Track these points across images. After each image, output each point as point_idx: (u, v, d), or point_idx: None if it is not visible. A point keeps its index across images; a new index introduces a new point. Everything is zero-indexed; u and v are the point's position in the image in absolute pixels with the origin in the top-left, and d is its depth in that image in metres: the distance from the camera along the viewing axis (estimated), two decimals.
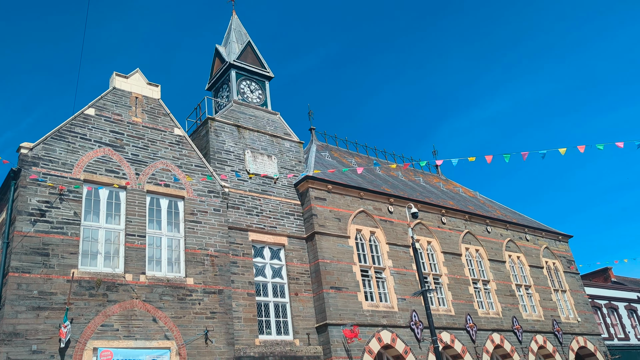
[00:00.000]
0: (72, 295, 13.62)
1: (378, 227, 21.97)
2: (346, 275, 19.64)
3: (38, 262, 13.56)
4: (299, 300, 18.73)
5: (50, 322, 13.09)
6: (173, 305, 15.27)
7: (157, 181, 16.73)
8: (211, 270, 16.56)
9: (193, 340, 15.15)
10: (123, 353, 13.75)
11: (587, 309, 29.68)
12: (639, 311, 35.49)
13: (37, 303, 13.12)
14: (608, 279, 38.87)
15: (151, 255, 15.81)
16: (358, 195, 21.97)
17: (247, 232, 18.61)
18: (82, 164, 15.46)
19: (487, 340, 22.99)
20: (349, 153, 28.78)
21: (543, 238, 30.18)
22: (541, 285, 27.74)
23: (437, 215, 24.91)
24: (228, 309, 16.40)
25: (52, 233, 14.09)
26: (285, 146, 21.83)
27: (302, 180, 20.66)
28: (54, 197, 14.52)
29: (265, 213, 19.48)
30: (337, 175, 22.37)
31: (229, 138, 20.11)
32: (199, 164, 18.07)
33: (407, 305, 20.87)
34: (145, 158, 16.88)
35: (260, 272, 18.58)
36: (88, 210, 15.19)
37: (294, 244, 19.71)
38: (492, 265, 25.84)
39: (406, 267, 21.86)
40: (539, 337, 25.43)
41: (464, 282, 23.89)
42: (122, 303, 14.39)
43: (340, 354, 17.86)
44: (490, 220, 27.36)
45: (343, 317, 18.57)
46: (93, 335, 13.59)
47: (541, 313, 26.60)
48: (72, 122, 15.93)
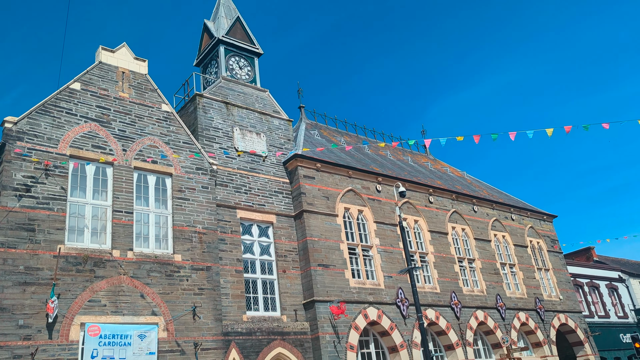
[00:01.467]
0: (59, 270, 13.59)
1: (366, 206, 22.09)
2: (334, 253, 19.79)
3: (24, 237, 13.47)
4: (286, 277, 18.87)
5: (36, 297, 13.08)
6: (161, 281, 15.32)
7: (145, 158, 16.61)
8: (199, 247, 16.59)
9: (181, 316, 15.25)
10: (111, 328, 13.81)
11: (569, 287, 30.29)
12: (619, 290, 36.31)
13: (23, 278, 13.09)
14: (590, 259, 39.63)
15: (139, 232, 15.78)
16: (347, 174, 22.02)
17: (236, 210, 18.61)
18: (68, 139, 15.28)
19: (471, 317, 23.43)
20: (338, 132, 28.74)
21: (528, 218, 30.59)
22: (525, 264, 28.22)
23: (424, 195, 25.09)
24: (216, 285, 16.49)
25: (38, 208, 13.98)
26: (275, 124, 21.73)
27: (291, 159, 20.63)
28: (39, 172, 14.37)
29: (253, 191, 19.47)
30: (326, 154, 22.37)
31: (218, 115, 19.95)
32: (186, 141, 17.95)
33: (394, 283, 21.14)
34: (132, 134, 16.72)
35: (248, 249, 18.65)
36: (74, 186, 15.07)
37: (283, 222, 19.77)
38: (478, 244, 26.18)
39: (393, 245, 22.07)
40: (522, 314, 25.96)
41: (449, 261, 24.21)
42: (109, 279, 14.40)
43: (327, 330, 18.10)
44: (477, 200, 27.63)
45: (330, 294, 18.78)
46: (80, 311, 13.61)
47: (524, 291, 27.11)
48: (58, 96, 15.68)
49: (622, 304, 35.89)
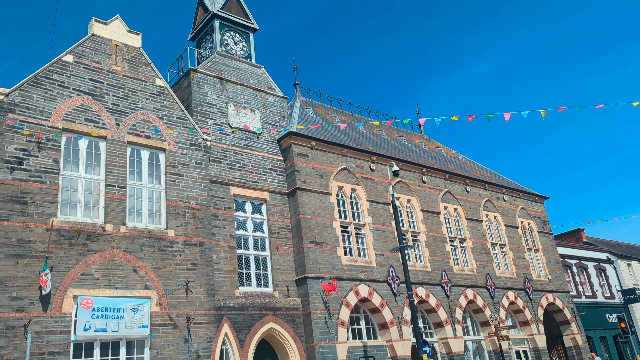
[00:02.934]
0: (52, 244, 13.62)
1: (359, 185, 22.15)
2: (326, 231, 19.91)
3: (16, 210, 13.45)
4: (279, 253, 19.00)
5: (29, 270, 13.13)
6: (154, 256, 15.39)
7: (138, 132, 16.52)
8: (192, 222, 16.63)
9: (174, 291, 15.37)
10: (104, 301, 13.91)
11: (558, 268, 30.72)
12: (607, 271, 36.86)
13: (15, 251, 13.11)
14: (580, 240, 40.11)
15: (132, 207, 15.78)
16: (341, 152, 22.02)
17: (229, 186, 18.62)
18: (61, 112, 15.15)
19: (460, 296, 23.77)
20: (333, 110, 28.64)
21: (520, 199, 30.82)
22: (515, 244, 28.53)
23: (417, 174, 25.18)
24: (209, 260, 16.60)
25: (31, 181, 13.93)
26: (269, 101, 21.61)
27: (285, 136, 20.59)
28: (31, 145, 14.28)
29: (247, 168, 19.46)
30: (320, 132, 22.32)
31: (212, 90, 19.80)
32: (180, 116, 17.84)
33: (385, 261, 21.35)
34: (125, 108, 16.59)
35: (241, 225, 18.72)
36: (67, 160, 15.00)
37: (276, 199, 19.82)
38: (470, 224, 26.41)
39: (385, 224, 22.22)
40: (511, 293, 26.35)
41: (441, 240, 24.43)
42: (102, 253, 14.45)
43: (318, 306, 18.32)
44: (469, 180, 27.77)
45: (322, 271, 18.95)
46: (73, 284, 13.69)
47: (514, 271, 27.47)
48: (50, 68, 15.49)
49: (610, 285, 36.48)
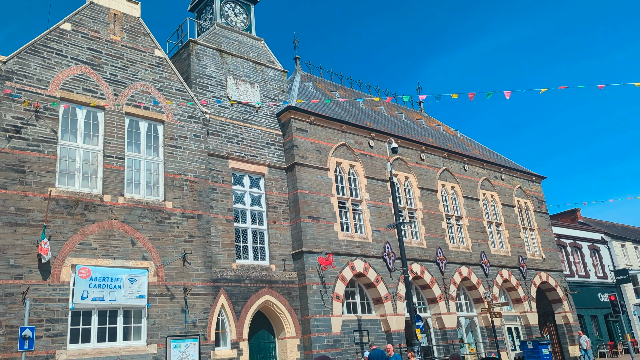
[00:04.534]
0: (50, 213, 13.67)
1: (358, 161, 22.16)
2: (324, 206, 20.00)
3: (14, 178, 13.46)
4: (276, 228, 19.11)
5: (27, 238, 13.21)
6: (151, 227, 15.47)
7: (137, 103, 16.43)
8: (190, 195, 16.68)
9: (171, 262, 15.50)
10: (101, 271, 14.04)
11: (553, 247, 30.99)
12: (601, 251, 37.21)
13: (14, 219, 13.16)
14: (575, 220, 40.37)
15: (130, 178, 15.80)
16: (340, 128, 21.96)
17: (227, 160, 18.61)
18: (59, 81, 15.03)
19: (455, 273, 24.02)
20: (333, 85, 28.44)
21: (517, 178, 30.90)
22: (511, 223, 28.72)
23: (416, 152, 25.17)
24: (206, 233, 16.70)
25: (28, 150, 13.91)
26: (269, 74, 21.44)
27: (285, 111, 20.49)
28: (29, 114, 14.20)
29: (246, 142, 19.42)
30: (320, 107, 22.21)
31: (211, 63, 19.62)
32: (179, 88, 17.72)
33: (381, 237, 21.50)
34: (124, 79, 16.46)
35: (239, 199, 18.79)
36: (65, 129, 14.94)
37: (274, 173, 19.84)
38: (466, 203, 26.52)
39: (383, 200, 22.31)
40: (505, 271, 26.64)
41: (437, 217, 24.57)
42: (100, 223, 14.52)
43: (314, 280, 18.52)
44: (468, 159, 27.78)
45: (319, 246, 19.10)
46: (71, 253, 13.79)
47: (509, 249, 27.71)
48: (47, 36, 15.30)
49: (603, 265, 36.87)
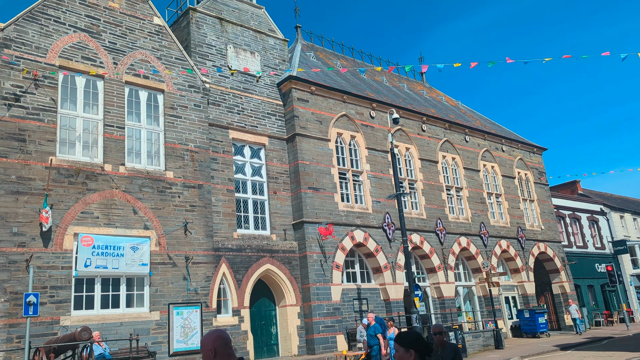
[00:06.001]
0: (51, 182, 13.72)
1: (359, 132, 22.09)
2: (324, 177, 20.04)
3: (15, 147, 13.47)
4: (277, 198, 19.20)
5: (30, 207, 13.30)
6: (153, 197, 15.55)
7: (136, 72, 16.29)
8: (191, 165, 16.70)
9: (173, 231, 15.63)
10: (104, 239, 14.18)
11: (552, 218, 31.17)
12: (599, 222, 37.43)
13: (15, 187, 13.23)
14: (575, 192, 40.46)
15: (130, 147, 15.79)
16: (341, 98, 21.81)
17: (228, 130, 18.56)
18: (57, 49, 14.88)
19: (454, 243, 24.23)
20: (335, 55, 28.12)
21: (518, 149, 30.85)
22: (511, 195, 28.81)
23: (417, 123, 25.07)
24: (207, 203, 16.79)
25: (28, 119, 13.87)
26: (270, 43, 21.18)
27: (285, 80, 20.33)
28: (28, 82, 14.11)
29: (246, 112, 19.33)
30: (321, 77, 22.02)
31: (211, 31, 19.37)
32: (179, 57, 17.55)
33: (381, 208, 21.61)
34: (123, 47, 16.29)
35: (240, 169, 18.82)
36: (65, 98, 14.87)
37: (275, 144, 19.81)
38: (467, 174, 26.56)
39: (383, 171, 22.33)
40: (503, 242, 26.87)
41: (437, 189, 24.64)
42: (101, 192, 14.59)
43: (314, 249, 18.71)
44: (469, 130, 27.68)
45: (319, 216, 19.22)
46: (73, 222, 13.90)
47: (508, 220, 27.88)
48: (45, 3, 15.07)
49: (601, 236, 37.13)
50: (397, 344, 3.40)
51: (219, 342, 3.28)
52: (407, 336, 3.42)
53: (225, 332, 3.38)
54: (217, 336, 3.31)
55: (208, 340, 3.30)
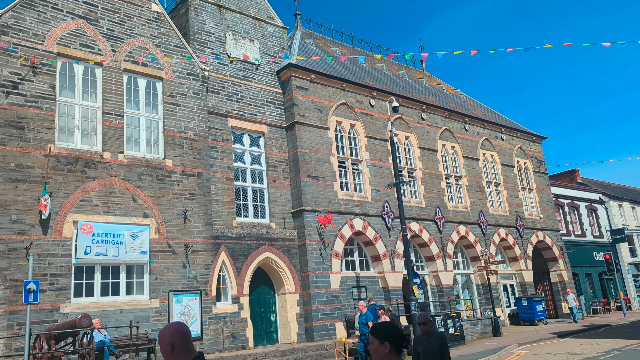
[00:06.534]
0: (50, 169, 13.71)
1: (358, 120, 22.04)
2: (324, 166, 20.03)
3: (13, 135, 13.44)
4: (276, 187, 19.21)
5: (29, 195, 13.30)
6: (152, 185, 15.55)
7: (135, 59, 16.21)
8: (190, 153, 16.68)
9: (172, 219, 15.66)
10: (103, 227, 14.20)
11: (550, 207, 31.23)
12: (598, 211, 37.52)
13: (14, 175, 13.22)
14: (574, 180, 40.51)
15: (129, 135, 15.76)
16: (340, 86, 21.73)
17: (227, 118, 18.51)
18: (55, 36, 14.79)
19: (453, 232, 24.30)
20: (334, 42, 27.97)
21: (518, 138, 30.83)
22: (510, 183, 28.84)
23: (417, 111, 25.01)
24: (207, 191, 16.80)
25: (27, 106, 13.82)
26: (269, 31, 21.06)
27: (285, 68, 20.23)
28: (26, 69, 14.04)
29: (245, 100, 19.26)
30: (320, 65, 21.92)
31: (210, 18, 19.24)
32: (178, 44, 17.45)
33: (381, 196, 21.64)
34: (121, 34, 16.19)
35: (239, 158, 18.80)
36: (63, 86, 14.81)
37: (274, 132, 19.77)
38: (466, 162, 26.56)
39: (382, 160, 22.32)
40: (502, 230, 26.94)
41: (437, 177, 24.66)
42: (101, 180, 14.58)
43: (313, 237, 18.75)
44: (468, 119, 27.63)
45: (318, 205, 19.24)
46: (73, 209, 13.91)
47: (507, 209, 27.94)
48: None
49: (599, 225, 37.24)
50: (372, 335, 3.27)
51: (177, 336, 3.12)
52: (382, 328, 3.29)
53: (184, 325, 3.23)
54: (175, 330, 3.14)
55: (166, 334, 3.13)
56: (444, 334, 6.80)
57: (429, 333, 6.53)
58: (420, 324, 6.60)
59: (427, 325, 6.54)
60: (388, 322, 3.37)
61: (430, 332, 6.53)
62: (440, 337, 6.48)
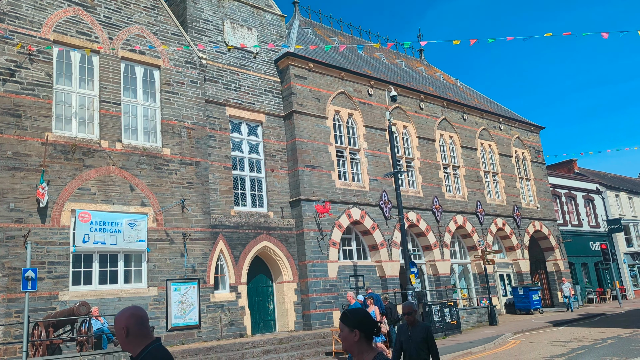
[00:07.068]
0: (48, 158, 13.67)
1: (357, 109, 22.00)
2: (322, 155, 20.02)
3: (10, 122, 13.38)
4: (274, 176, 19.21)
5: (26, 183, 13.28)
6: (150, 173, 15.53)
7: (132, 47, 16.11)
8: (188, 142, 16.65)
9: (170, 208, 15.67)
10: (101, 215, 14.20)
11: (548, 197, 31.33)
12: (595, 201, 37.65)
13: (12, 163, 13.19)
14: (571, 170, 40.60)
15: (127, 124, 15.72)
16: (339, 75, 21.66)
17: (225, 107, 18.46)
18: (51, 23, 14.68)
19: (450, 221, 24.38)
20: (333, 31, 27.83)
21: (516, 128, 30.83)
22: (508, 173, 28.90)
23: (415, 101, 24.97)
24: (204, 180, 16.79)
25: (23, 94, 13.76)
26: (267, 19, 20.92)
27: (283, 57, 20.14)
28: (23, 57, 13.95)
29: (243, 88, 19.19)
30: (318, 54, 21.83)
31: (207, 6, 19.10)
32: (175, 32, 17.34)
33: (378, 186, 21.66)
34: (118, 22, 16.07)
35: (237, 147, 18.77)
36: (60, 73, 14.73)
37: (272, 121, 19.73)
38: (464, 152, 26.58)
39: (381, 149, 22.32)
40: (499, 220, 27.04)
41: (435, 167, 24.68)
42: (98, 169, 14.56)
43: (311, 227, 18.80)
44: (467, 108, 27.60)
45: (316, 194, 19.27)
46: (70, 198, 13.90)
47: (504, 199, 28.01)
48: None
49: (596, 215, 37.38)
50: (342, 323, 3.15)
51: (133, 320, 2.99)
52: (352, 315, 3.16)
53: (141, 309, 3.10)
54: (131, 314, 3.02)
55: (121, 319, 3.00)
56: (429, 326, 6.57)
57: (414, 323, 6.36)
58: (405, 314, 6.43)
59: (412, 316, 6.37)
60: (358, 309, 3.23)
61: (415, 323, 6.37)
62: (425, 329, 6.31)
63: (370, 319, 3.16)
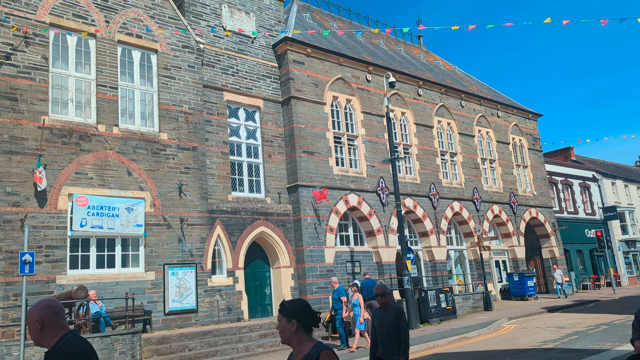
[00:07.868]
0: (45, 142, 13.63)
1: (354, 95, 21.93)
2: (319, 141, 20.00)
3: (6, 106, 13.31)
4: (272, 161, 19.20)
5: (23, 167, 13.25)
6: (147, 158, 15.50)
7: (129, 31, 15.98)
8: (185, 127, 16.61)
9: (167, 193, 15.67)
10: (98, 200, 14.21)
11: (544, 184, 31.44)
12: (591, 189, 37.80)
13: (8, 147, 13.14)
14: (568, 158, 40.69)
15: (124, 108, 15.65)
16: (337, 61, 21.55)
17: (222, 92, 18.38)
18: (47, 6, 14.53)
19: (447, 208, 24.46)
20: (331, 16, 27.63)
21: (514, 115, 30.82)
22: (505, 160, 28.94)
23: (414, 87, 24.89)
24: (202, 165, 16.78)
25: (20, 78, 13.66)
26: (265, 3, 20.75)
27: (281, 42, 20.01)
28: (19, 40, 13.83)
29: (241, 73, 19.09)
30: (317, 39, 21.69)
31: None
32: (172, 16, 17.19)
33: (376, 172, 21.69)
34: (115, 5, 15.92)
35: (234, 132, 18.73)
36: (56, 57, 14.62)
37: (270, 107, 19.66)
38: (462, 139, 26.58)
39: (378, 136, 22.30)
40: (496, 207, 27.15)
41: (432, 154, 24.69)
42: (95, 153, 14.52)
43: (308, 212, 18.84)
44: (465, 95, 27.55)
45: (313, 180, 19.28)
46: (67, 182, 13.89)
47: (501, 186, 28.10)
48: None
49: (592, 202, 37.56)
50: (280, 314, 3.02)
51: (48, 312, 2.89)
52: (290, 305, 3.01)
53: (55, 301, 3.01)
54: (45, 306, 2.92)
55: (34, 311, 2.89)
56: (401, 308, 6.24)
57: (386, 306, 6.09)
58: (377, 295, 6.12)
59: (385, 297, 6.07)
60: (297, 300, 3.11)
61: (387, 305, 6.09)
62: (395, 311, 6.02)
63: (310, 309, 3.02)
